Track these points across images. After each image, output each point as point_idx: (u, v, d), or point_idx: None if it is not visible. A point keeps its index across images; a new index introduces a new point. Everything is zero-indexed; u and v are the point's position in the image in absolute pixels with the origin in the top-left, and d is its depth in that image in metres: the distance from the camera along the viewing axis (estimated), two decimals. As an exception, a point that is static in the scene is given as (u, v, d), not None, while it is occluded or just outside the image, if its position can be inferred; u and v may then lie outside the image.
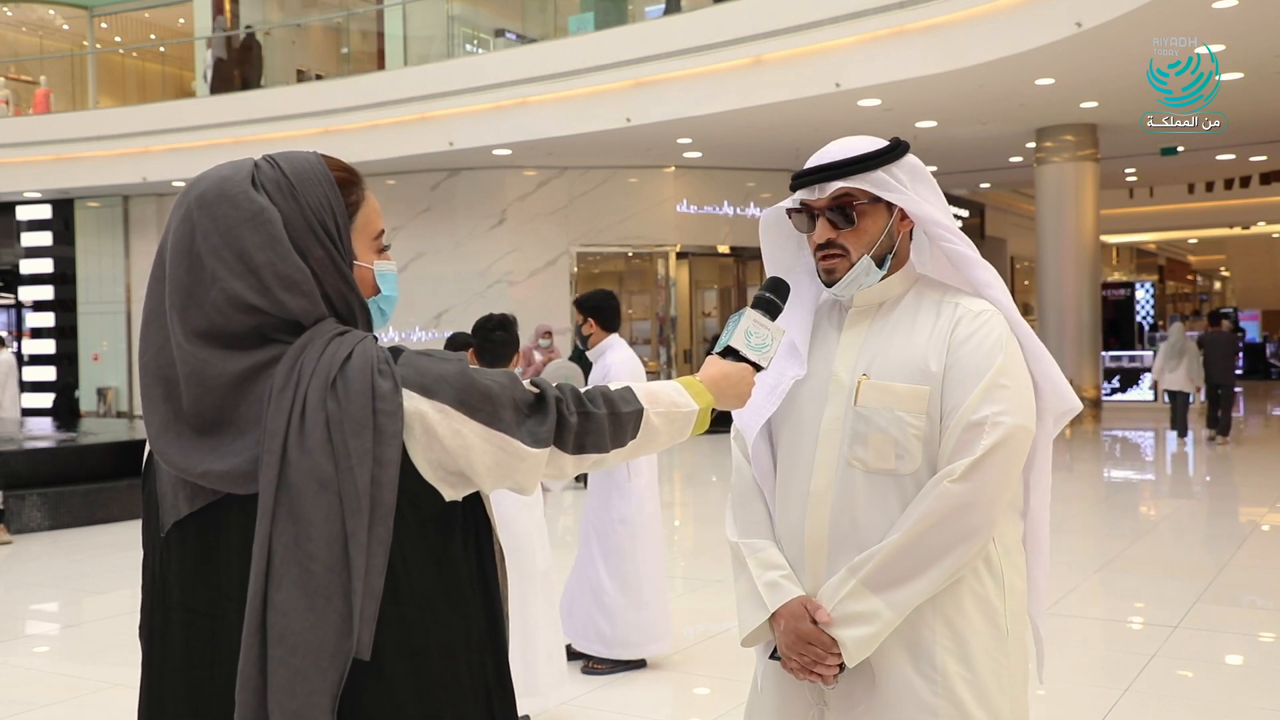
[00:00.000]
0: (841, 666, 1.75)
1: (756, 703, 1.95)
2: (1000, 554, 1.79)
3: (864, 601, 1.72)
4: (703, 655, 4.78)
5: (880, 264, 1.83)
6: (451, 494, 1.34)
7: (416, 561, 1.32)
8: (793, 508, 1.85)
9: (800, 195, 1.86)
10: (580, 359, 9.53)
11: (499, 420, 1.33)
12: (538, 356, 9.50)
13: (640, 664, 4.60)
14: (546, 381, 1.42)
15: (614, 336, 4.71)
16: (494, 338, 3.94)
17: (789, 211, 1.89)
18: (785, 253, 1.96)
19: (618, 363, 4.60)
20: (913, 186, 1.82)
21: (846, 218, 1.81)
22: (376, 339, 1.36)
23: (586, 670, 4.55)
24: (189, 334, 1.29)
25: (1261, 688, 4.32)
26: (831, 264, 1.83)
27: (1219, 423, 12.48)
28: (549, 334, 9.71)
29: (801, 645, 1.75)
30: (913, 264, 1.90)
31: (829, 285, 1.85)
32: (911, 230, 1.88)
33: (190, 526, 1.33)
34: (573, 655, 4.58)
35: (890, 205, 1.82)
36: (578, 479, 9.53)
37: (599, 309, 4.67)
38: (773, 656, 1.85)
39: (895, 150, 1.82)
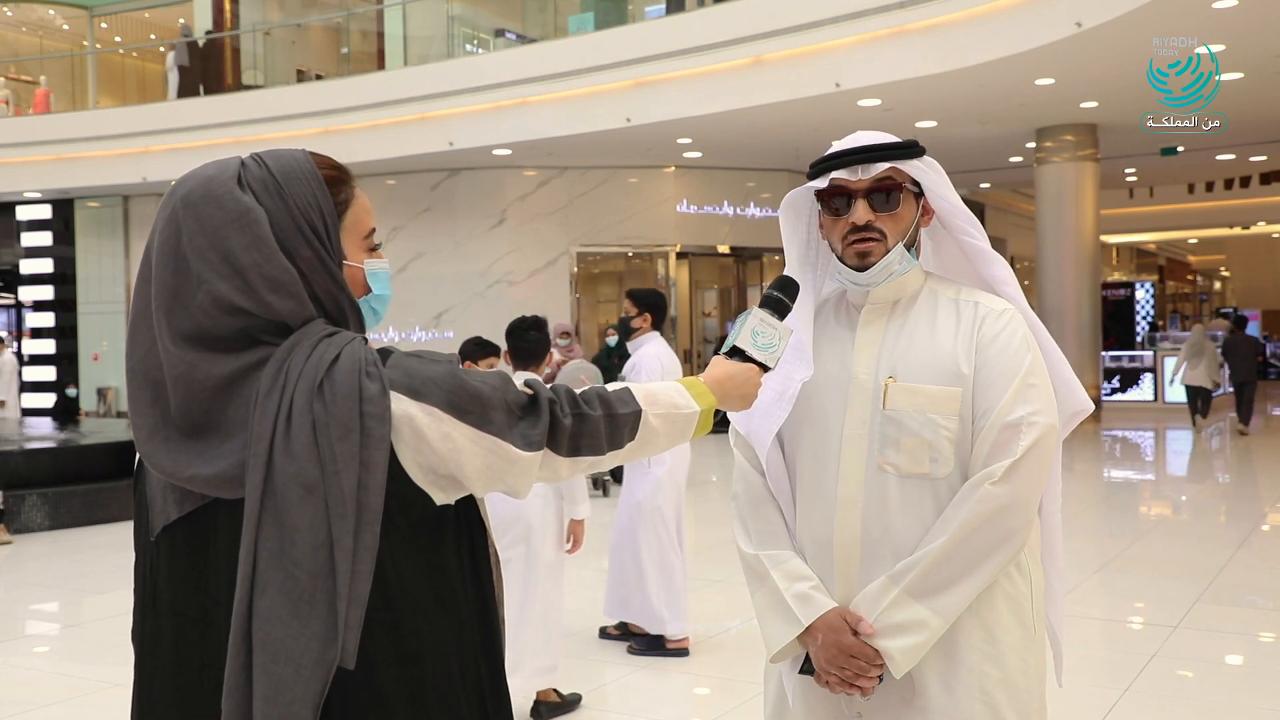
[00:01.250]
0: (879, 678, 1.71)
1: (782, 716, 1.88)
2: (1026, 551, 1.77)
3: (908, 610, 1.68)
4: (703, 655, 4.78)
5: (909, 252, 1.81)
6: (442, 498, 1.32)
7: (407, 566, 1.29)
8: (818, 516, 1.79)
9: (836, 175, 1.78)
10: (608, 357, 9.56)
11: (489, 423, 1.30)
12: (556, 356, 9.44)
13: (680, 653, 4.72)
14: (540, 383, 1.39)
15: (655, 333, 5.06)
16: (529, 338, 4.16)
17: (818, 195, 1.83)
18: (794, 244, 1.90)
19: (651, 354, 4.91)
20: (937, 182, 1.82)
21: (893, 201, 1.78)
22: (366, 340, 1.33)
23: (630, 650, 4.77)
24: (175, 336, 1.27)
25: (1261, 688, 4.32)
26: (867, 246, 1.77)
27: (1241, 413, 13.68)
28: (567, 333, 9.65)
29: (844, 659, 1.70)
30: (922, 261, 1.88)
31: (861, 270, 1.78)
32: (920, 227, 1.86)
33: (179, 531, 1.31)
34: (625, 635, 4.93)
35: (917, 198, 1.81)
36: (595, 486, 9.53)
37: (655, 306, 5.07)
38: (803, 670, 1.78)
39: (920, 147, 1.82)
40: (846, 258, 1.80)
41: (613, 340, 9.77)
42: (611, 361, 9.47)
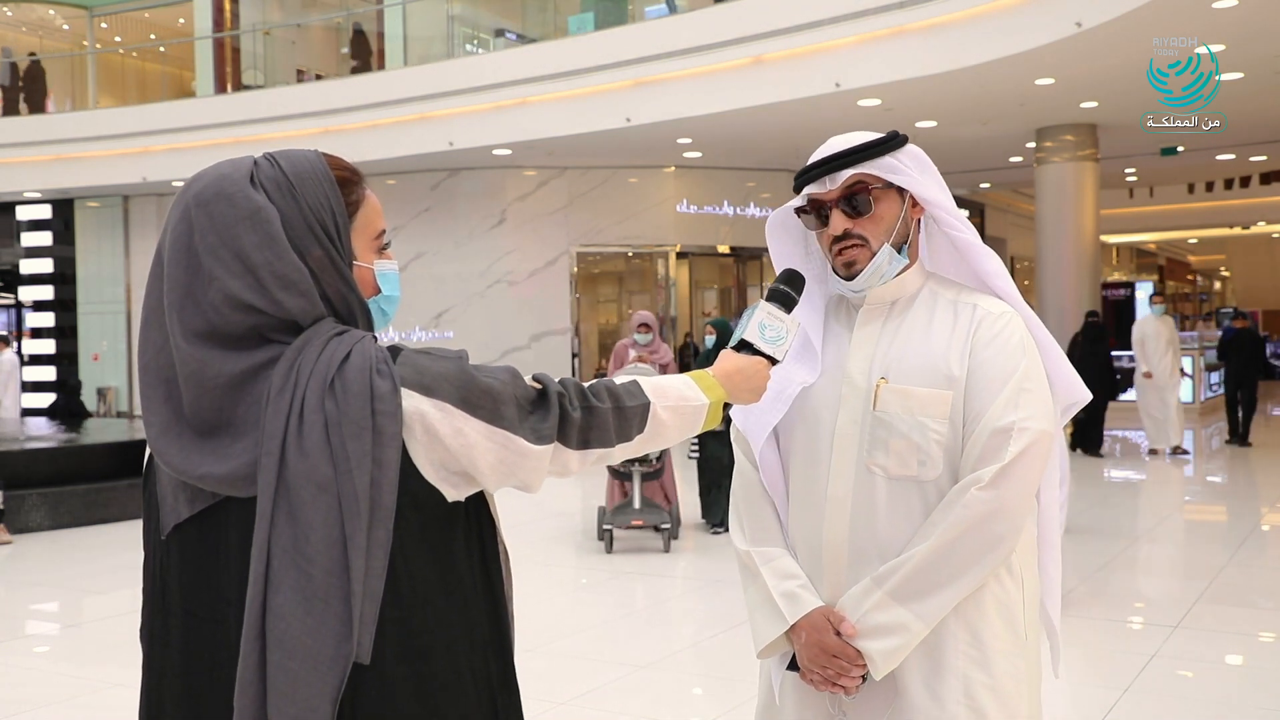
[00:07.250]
0: (864, 677, 1.72)
1: (770, 713, 1.88)
2: (1020, 556, 1.76)
3: (890, 613, 1.68)
4: (701, 655, 4.78)
5: (899, 252, 1.79)
6: (454, 494, 1.33)
7: (418, 563, 1.30)
8: (809, 515, 1.80)
9: (809, 191, 1.80)
10: (707, 360, 7.67)
11: (501, 418, 1.31)
12: (632, 354, 7.87)
13: None
14: (549, 376, 1.40)
15: None
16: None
17: (797, 211, 1.84)
18: (793, 260, 1.90)
19: None
20: (920, 174, 1.79)
21: (863, 205, 1.77)
22: (376, 339, 1.34)
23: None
24: (187, 334, 1.28)
25: (1261, 688, 4.32)
26: (852, 255, 1.77)
27: None
28: (647, 326, 7.90)
29: (825, 658, 1.71)
30: (923, 260, 1.87)
31: (849, 279, 1.78)
32: (919, 221, 1.84)
33: (190, 529, 1.32)
34: None
35: (902, 192, 1.79)
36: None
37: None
38: (790, 667, 1.79)
39: (897, 139, 1.80)
40: (836, 268, 1.81)
41: (710, 340, 7.97)
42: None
